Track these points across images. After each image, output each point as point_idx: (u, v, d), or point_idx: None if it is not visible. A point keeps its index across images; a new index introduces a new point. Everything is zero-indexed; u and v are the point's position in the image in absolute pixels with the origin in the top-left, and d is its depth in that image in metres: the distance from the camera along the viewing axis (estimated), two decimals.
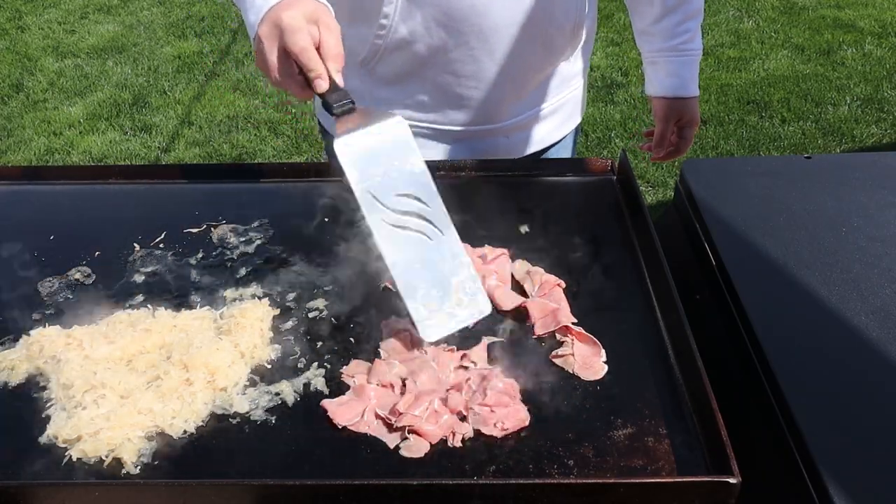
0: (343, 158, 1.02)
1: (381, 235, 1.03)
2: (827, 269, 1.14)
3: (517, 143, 1.56)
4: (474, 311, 1.06)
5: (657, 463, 0.90)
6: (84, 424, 0.93)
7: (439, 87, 1.44)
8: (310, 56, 1.03)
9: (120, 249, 1.26)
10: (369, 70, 1.44)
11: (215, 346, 1.03)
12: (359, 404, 0.97)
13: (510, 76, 1.44)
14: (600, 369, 1.02)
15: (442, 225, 1.06)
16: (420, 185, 1.05)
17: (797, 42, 4.77)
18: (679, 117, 1.58)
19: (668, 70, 1.54)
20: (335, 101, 1.05)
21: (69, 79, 4.67)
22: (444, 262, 1.06)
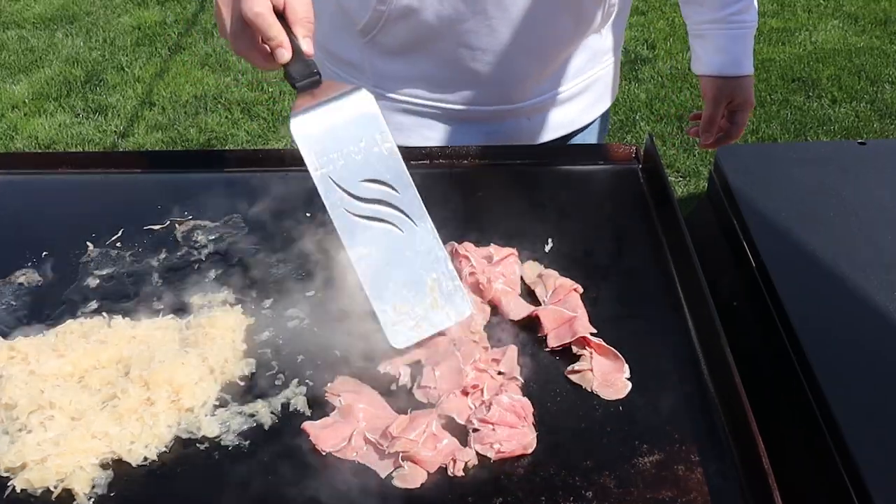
0: (299, 139, 1.02)
1: (342, 227, 1.04)
2: (885, 272, 1.14)
3: (539, 126, 1.57)
4: (451, 314, 1.07)
5: (689, 495, 0.90)
6: (29, 450, 0.93)
7: (451, 61, 1.44)
8: (267, 22, 1.03)
9: (71, 249, 1.26)
10: (370, 40, 1.44)
11: (180, 360, 1.03)
12: (346, 427, 0.97)
13: (533, 50, 1.44)
14: (623, 387, 1.02)
15: (415, 215, 1.06)
16: (390, 169, 1.05)
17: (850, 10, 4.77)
18: (730, 99, 1.58)
19: (718, 45, 1.54)
20: (297, 72, 1.05)
21: (12, 52, 4.67)
22: (417, 258, 1.06)
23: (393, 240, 1.05)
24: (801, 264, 1.16)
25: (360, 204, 1.04)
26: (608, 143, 1.54)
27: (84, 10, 5.08)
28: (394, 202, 1.05)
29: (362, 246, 1.04)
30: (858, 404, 0.95)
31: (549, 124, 1.57)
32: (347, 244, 1.04)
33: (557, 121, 1.58)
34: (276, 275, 1.21)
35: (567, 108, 1.58)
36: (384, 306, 1.04)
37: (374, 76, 1.49)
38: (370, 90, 1.48)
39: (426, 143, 1.52)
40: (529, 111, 1.53)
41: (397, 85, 1.49)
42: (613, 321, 1.12)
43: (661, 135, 3.81)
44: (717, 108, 1.59)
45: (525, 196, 1.36)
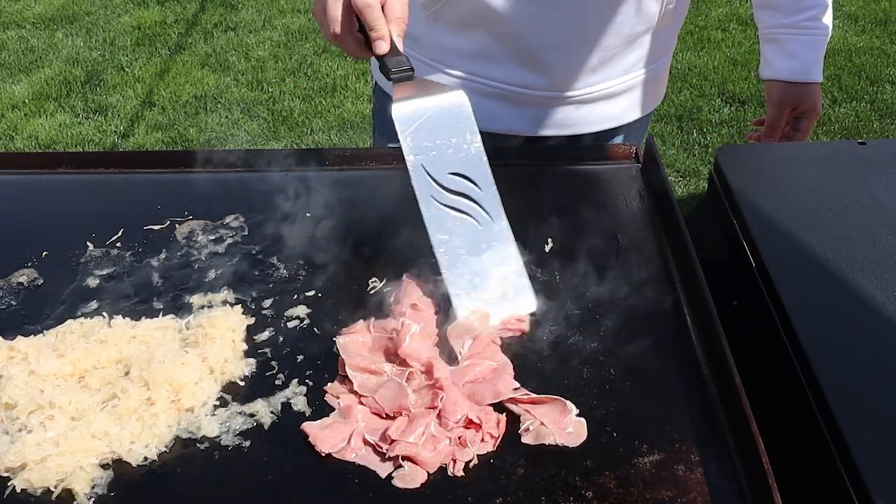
0: (399, 124, 1.09)
1: (428, 213, 1.10)
2: (885, 272, 1.14)
3: (586, 117, 1.58)
4: (517, 307, 1.12)
5: (689, 495, 0.90)
6: (30, 450, 0.93)
7: (509, 42, 1.45)
8: (375, 14, 1.09)
9: (71, 249, 1.26)
10: (434, 13, 1.46)
11: (180, 360, 1.03)
12: (345, 427, 0.97)
13: (594, 40, 1.45)
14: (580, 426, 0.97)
15: (493, 212, 1.13)
16: (475, 166, 1.13)
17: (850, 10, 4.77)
18: (796, 105, 1.58)
19: (789, 50, 1.54)
20: (394, 65, 1.12)
21: (12, 53, 4.67)
22: (491, 251, 1.13)
23: (471, 231, 1.12)
24: (801, 264, 1.16)
25: (445, 194, 1.11)
26: (608, 143, 1.54)
27: (84, 10, 5.08)
28: (476, 197, 1.13)
29: (444, 233, 1.10)
30: (858, 404, 0.95)
31: (596, 117, 1.59)
32: (430, 229, 1.10)
33: (602, 115, 1.59)
34: (276, 275, 1.21)
35: (615, 104, 1.59)
36: (458, 290, 1.10)
37: (431, 49, 1.52)
38: (424, 62, 1.53)
39: None
40: (579, 101, 1.55)
41: (453, 60, 1.51)
42: (613, 321, 1.12)
43: (661, 135, 3.81)
44: (781, 113, 1.59)
45: (525, 196, 1.36)
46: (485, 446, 0.96)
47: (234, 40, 4.71)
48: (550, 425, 0.98)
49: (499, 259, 1.13)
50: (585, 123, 1.58)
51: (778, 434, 0.99)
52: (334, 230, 1.28)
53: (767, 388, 1.07)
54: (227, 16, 4.96)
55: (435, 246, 1.10)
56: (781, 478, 0.87)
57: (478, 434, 0.97)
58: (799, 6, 1.52)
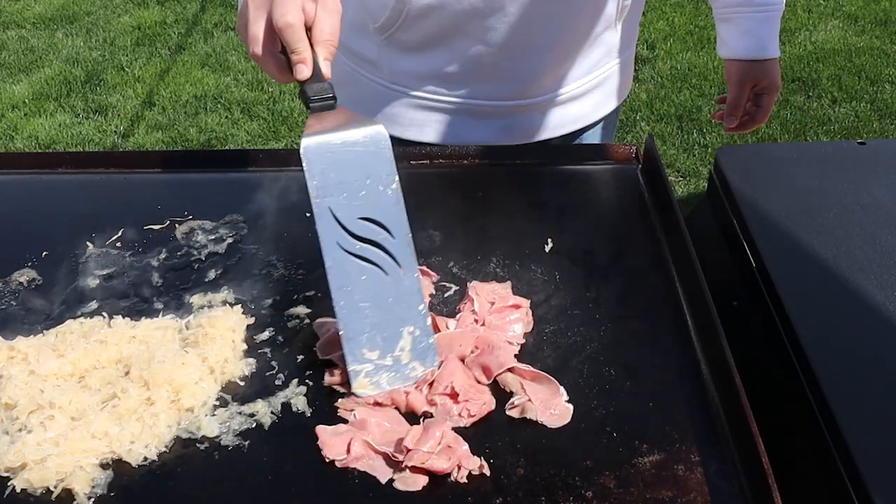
0: (307, 162, 0.99)
1: (331, 261, 1.00)
2: (885, 271, 1.14)
3: (553, 120, 1.57)
4: (418, 371, 1.04)
5: (689, 495, 0.90)
6: (29, 450, 0.93)
7: (468, 57, 1.44)
8: (296, 35, 1.01)
9: (71, 249, 1.26)
10: (388, 37, 1.44)
11: (180, 360, 1.03)
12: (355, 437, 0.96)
13: (550, 46, 1.44)
14: (566, 411, 0.99)
15: (405, 263, 1.03)
16: (390, 212, 1.02)
17: (850, 10, 4.77)
18: (755, 82, 1.58)
19: (744, 28, 1.54)
20: (314, 92, 1.03)
21: (12, 53, 4.67)
22: (398, 307, 1.03)
23: (378, 283, 1.02)
24: (800, 264, 1.16)
25: (352, 241, 1.01)
26: (608, 143, 1.54)
27: (84, 10, 5.08)
28: (387, 246, 1.02)
29: (346, 283, 1.01)
30: (859, 404, 0.95)
31: (562, 119, 1.58)
32: (332, 279, 1.00)
33: (571, 116, 1.58)
34: (276, 274, 1.21)
35: (581, 104, 1.58)
36: (353, 348, 1.01)
37: (390, 73, 1.49)
38: (386, 86, 1.50)
39: (440, 137, 1.53)
40: (543, 106, 1.54)
41: (414, 81, 1.49)
42: (613, 321, 1.12)
43: (661, 135, 3.81)
44: (742, 91, 1.59)
45: (525, 196, 1.36)
46: (459, 421, 0.98)
47: (234, 40, 4.71)
48: (537, 403, 1.00)
49: (404, 315, 1.03)
50: (554, 127, 1.57)
51: (778, 434, 0.99)
52: None
53: (767, 388, 1.07)
54: (228, 16, 4.96)
55: (334, 298, 1.00)
56: (781, 478, 0.87)
57: (456, 405, 0.98)
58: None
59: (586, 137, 1.65)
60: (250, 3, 1.05)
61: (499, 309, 1.12)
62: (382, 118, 1.53)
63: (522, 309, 1.13)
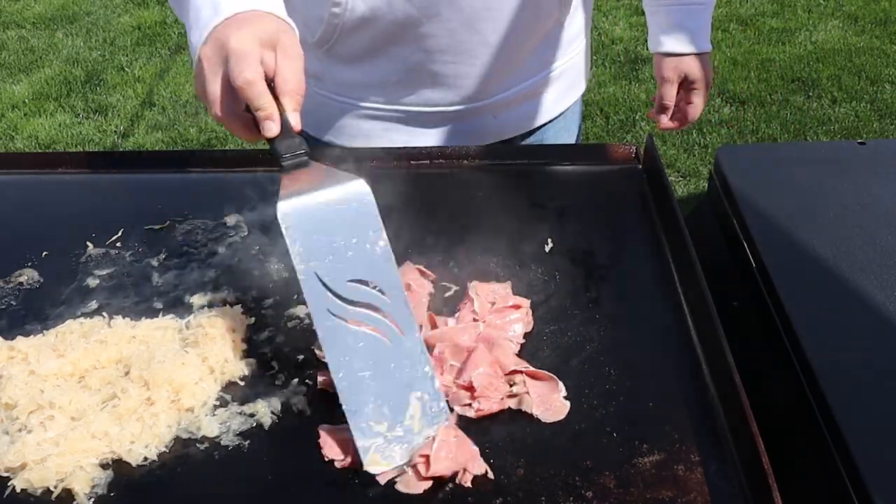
0: (286, 229, 0.93)
1: (325, 332, 0.93)
2: (885, 271, 1.14)
3: (508, 122, 1.55)
4: (431, 434, 0.95)
5: (689, 495, 0.90)
6: (30, 450, 0.93)
7: (410, 65, 1.41)
8: (258, 91, 0.95)
9: (71, 249, 1.26)
10: (327, 50, 1.42)
11: (180, 360, 1.03)
12: None
13: (494, 48, 1.41)
14: (562, 407, 1.00)
15: (404, 325, 0.96)
16: (381, 271, 0.96)
17: (850, 10, 4.77)
18: (685, 77, 1.54)
19: (673, 21, 1.51)
20: (285, 150, 0.97)
21: (12, 52, 4.67)
22: (401, 372, 0.95)
23: (377, 350, 0.95)
24: (800, 264, 1.16)
25: (345, 306, 0.94)
26: (608, 143, 1.54)
27: (84, 10, 5.08)
28: (382, 308, 0.95)
29: (343, 353, 0.94)
30: (859, 404, 0.95)
31: (518, 119, 1.56)
32: (327, 349, 0.94)
33: (526, 114, 1.56)
34: (276, 275, 1.21)
35: (535, 102, 1.55)
36: (359, 422, 0.93)
37: (334, 85, 1.48)
38: (331, 98, 1.47)
39: (393, 146, 1.50)
40: (495, 108, 1.51)
41: (359, 92, 1.47)
42: (613, 321, 1.12)
43: (660, 135, 3.81)
44: (671, 87, 1.55)
45: (525, 196, 1.36)
46: (465, 410, 0.99)
47: None
48: (535, 397, 1.00)
49: (410, 381, 0.95)
50: (509, 127, 1.55)
51: (778, 434, 0.99)
52: None
53: (767, 388, 1.07)
54: None
55: (332, 370, 0.93)
56: (781, 478, 0.87)
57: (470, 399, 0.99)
58: None
59: (547, 131, 1.62)
60: (204, 62, 0.99)
61: (499, 309, 1.12)
62: (330, 130, 1.52)
63: (522, 309, 1.13)
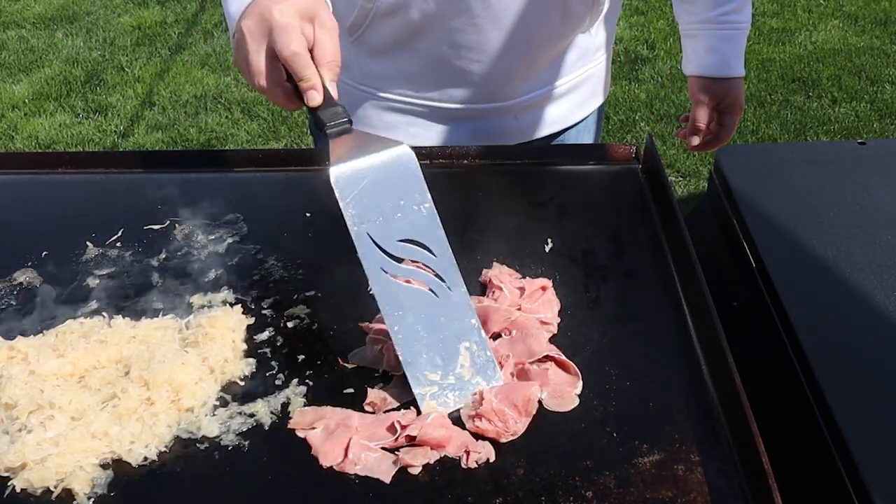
0: (339, 191, 0.98)
1: (379, 287, 1.00)
2: (885, 271, 1.14)
3: (528, 124, 1.56)
4: (483, 386, 1.03)
5: (689, 494, 0.90)
6: (29, 450, 0.93)
7: (437, 59, 1.44)
8: (303, 62, 1.01)
9: (71, 249, 1.26)
10: (357, 39, 1.44)
11: (180, 360, 1.03)
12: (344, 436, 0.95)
13: (520, 49, 1.44)
14: (570, 401, 1.01)
15: (451, 280, 1.03)
16: (427, 230, 1.02)
17: (850, 10, 4.77)
18: (719, 100, 1.56)
19: (708, 45, 1.53)
20: (329, 118, 1.02)
21: (12, 52, 4.67)
22: (451, 325, 1.03)
23: (428, 304, 1.02)
24: (801, 264, 1.16)
25: (397, 265, 1.01)
26: (608, 143, 1.54)
27: (84, 10, 5.08)
28: (431, 265, 1.02)
29: (397, 308, 1.00)
30: (859, 404, 0.95)
31: (538, 122, 1.57)
32: (382, 305, 1.00)
33: (546, 119, 1.57)
34: (276, 274, 1.21)
35: (556, 106, 1.57)
36: (416, 372, 1.01)
37: (360, 75, 1.49)
38: (357, 88, 1.50)
39: (413, 140, 1.51)
40: (517, 110, 1.53)
41: (384, 83, 1.49)
42: (613, 321, 1.12)
43: (661, 135, 3.81)
44: (704, 109, 1.56)
45: (525, 196, 1.36)
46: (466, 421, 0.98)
47: None
48: (551, 384, 1.02)
49: (459, 333, 1.02)
50: (529, 130, 1.57)
51: (778, 434, 0.99)
52: (334, 230, 1.28)
53: (767, 388, 1.07)
54: None
55: (389, 324, 1.00)
56: (781, 478, 0.87)
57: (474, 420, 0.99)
58: (715, 1, 1.50)
59: (567, 138, 1.64)
60: (247, 35, 1.03)
61: (530, 294, 1.13)
62: (356, 120, 1.53)
63: (549, 290, 1.14)
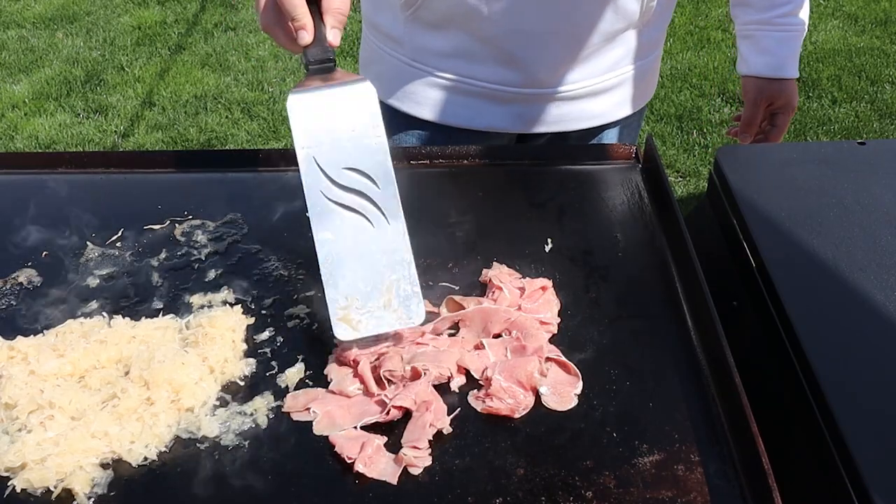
0: (292, 114, 1.03)
1: (314, 209, 1.02)
2: (884, 271, 1.14)
3: (567, 113, 1.57)
4: (403, 318, 1.04)
5: (689, 495, 0.90)
6: (29, 450, 0.93)
7: (486, 39, 1.46)
8: (295, 3, 1.05)
9: (71, 249, 1.26)
10: (412, 14, 1.47)
11: (180, 360, 1.03)
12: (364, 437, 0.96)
13: (567, 37, 1.45)
14: (569, 401, 1.01)
15: (390, 213, 1.04)
16: (375, 162, 1.04)
17: (850, 10, 4.77)
18: (771, 101, 1.58)
19: (763, 46, 1.55)
20: (313, 56, 1.06)
21: (12, 52, 4.67)
22: (382, 255, 1.04)
23: (361, 232, 1.04)
24: (800, 264, 1.16)
25: (337, 190, 1.03)
26: (608, 143, 1.54)
27: (84, 9, 5.08)
28: (371, 195, 1.04)
29: (329, 231, 1.03)
30: (858, 404, 0.95)
31: (577, 114, 1.58)
32: (314, 226, 1.03)
33: (586, 111, 1.58)
34: (276, 274, 1.21)
35: (598, 101, 1.58)
36: (336, 294, 1.03)
37: (412, 49, 1.52)
38: (408, 63, 1.53)
39: (457, 119, 1.56)
40: (560, 98, 1.54)
41: (434, 59, 1.52)
42: (613, 321, 1.12)
43: (660, 135, 3.81)
44: (756, 109, 1.59)
45: (525, 196, 1.36)
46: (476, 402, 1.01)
47: (234, 40, 4.71)
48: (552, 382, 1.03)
49: (390, 264, 1.04)
50: (570, 120, 1.58)
51: (778, 434, 0.99)
52: None
53: (767, 388, 1.07)
54: (228, 16, 4.96)
55: (318, 246, 1.03)
56: (781, 478, 0.87)
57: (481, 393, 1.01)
58: (772, 2, 1.52)
59: (605, 137, 1.65)
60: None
61: (530, 294, 1.13)
62: (402, 95, 1.57)
63: (549, 290, 1.14)
